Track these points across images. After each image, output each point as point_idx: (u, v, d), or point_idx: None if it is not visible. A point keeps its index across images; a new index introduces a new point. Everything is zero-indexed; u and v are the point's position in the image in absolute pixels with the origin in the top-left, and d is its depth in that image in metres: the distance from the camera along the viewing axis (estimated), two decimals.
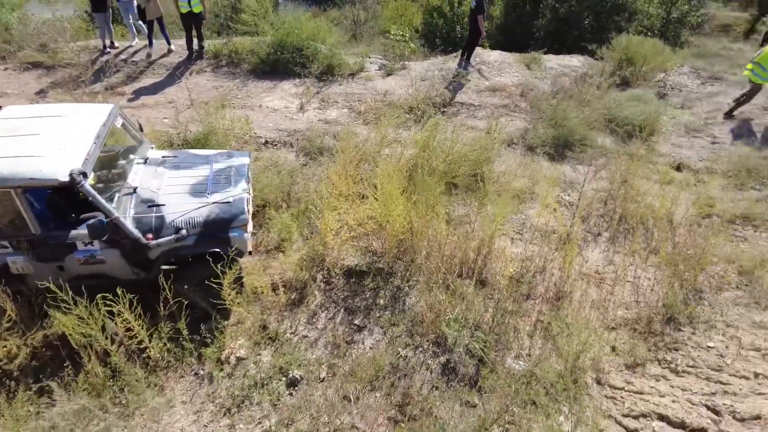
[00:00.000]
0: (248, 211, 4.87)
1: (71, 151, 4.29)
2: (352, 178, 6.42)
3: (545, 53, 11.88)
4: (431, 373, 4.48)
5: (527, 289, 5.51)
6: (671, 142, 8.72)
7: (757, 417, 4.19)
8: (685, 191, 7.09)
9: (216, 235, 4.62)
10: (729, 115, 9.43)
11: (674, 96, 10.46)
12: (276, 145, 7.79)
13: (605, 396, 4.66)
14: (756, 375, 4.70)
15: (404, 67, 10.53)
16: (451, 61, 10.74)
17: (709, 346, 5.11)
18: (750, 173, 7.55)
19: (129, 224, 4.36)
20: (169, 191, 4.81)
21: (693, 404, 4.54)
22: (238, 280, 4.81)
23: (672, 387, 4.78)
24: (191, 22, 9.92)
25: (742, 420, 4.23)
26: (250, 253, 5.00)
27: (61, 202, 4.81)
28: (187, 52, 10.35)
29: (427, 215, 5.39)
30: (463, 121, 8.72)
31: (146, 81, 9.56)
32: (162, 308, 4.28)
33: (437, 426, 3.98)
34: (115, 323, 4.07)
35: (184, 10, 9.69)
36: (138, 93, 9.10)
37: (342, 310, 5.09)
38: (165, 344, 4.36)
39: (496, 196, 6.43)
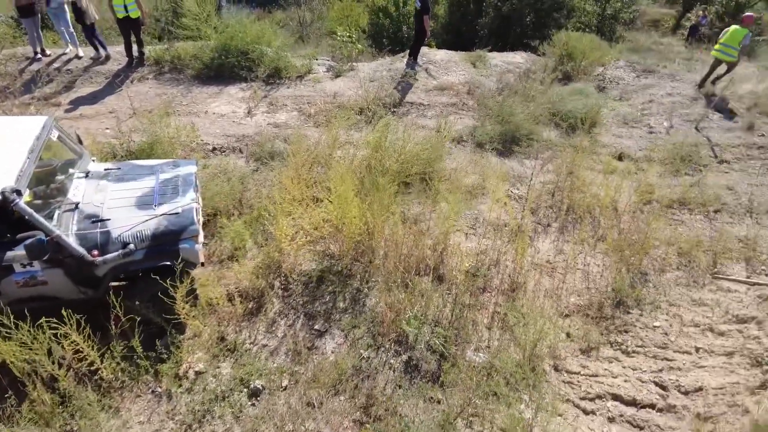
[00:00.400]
0: (198, 221, 4.72)
1: (2, 168, 4.03)
2: (305, 181, 6.35)
3: (490, 51, 12.17)
4: (394, 372, 4.50)
5: (483, 283, 5.63)
6: (612, 133, 9.12)
7: (700, 389, 4.46)
8: (627, 180, 7.43)
9: (166, 247, 4.45)
10: (707, 88, 10.28)
11: (613, 89, 10.95)
12: (224, 151, 7.60)
13: (563, 381, 4.82)
14: (697, 349, 5.00)
15: (353, 68, 10.52)
16: (399, 61, 10.82)
17: (655, 326, 5.38)
18: (683, 160, 8.01)
19: (72, 242, 4.12)
20: (114, 205, 4.59)
21: (643, 382, 4.77)
22: (192, 293, 4.67)
23: (624, 368, 5.01)
24: (129, 27, 9.52)
25: (686, 393, 4.49)
26: (202, 264, 4.86)
27: None
28: (127, 59, 9.94)
29: (382, 216, 5.41)
30: (414, 121, 8.80)
31: (84, 90, 9.11)
32: (113, 326, 4.10)
33: (402, 424, 4.01)
34: (62, 346, 3.86)
35: (120, 15, 9.29)
36: (75, 103, 8.65)
37: (301, 316, 5.03)
38: (118, 364, 4.18)
39: (449, 193, 6.53)
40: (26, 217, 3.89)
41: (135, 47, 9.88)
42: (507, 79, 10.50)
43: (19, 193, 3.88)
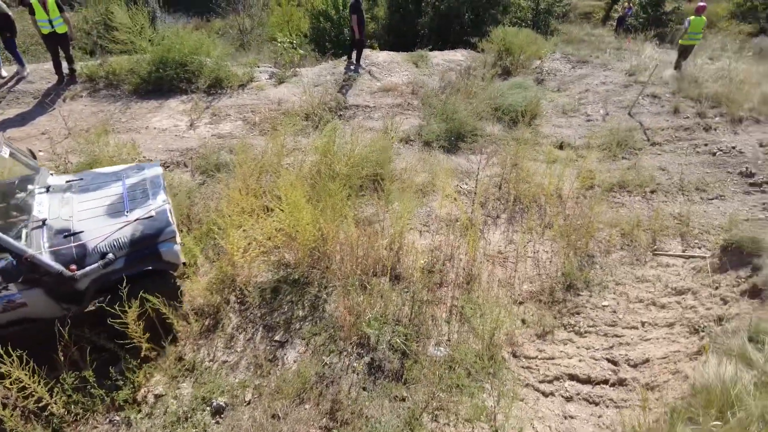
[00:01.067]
0: (173, 222, 4.61)
1: None
2: (254, 191, 6.28)
3: (431, 50, 12.39)
4: (357, 374, 4.52)
5: (439, 278, 5.74)
6: (552, 123, 9.49)
7: (647, 360, 4.72)
8: (568, 167, 7.74)
9: (145, 252, 4.38)
10: (677, 68, 11.27)
11: (550, 81, 11.38)
12: (168, 166, 7.39)
13: (521, 367, 4.99)
14: (642, 324, 5.29)
15: (296, 74, 10.46)
16: (342, 65, 10.84)
17: (603, 305, 5.65)
18: (620, 145, 8.43)
19: (47, 259, 3.94)
20: (84, 216, 4.44)
21: (596, 360, 5.00)
22: (175, 294, 4.65)
23: (578, 348, 5.23)
24: (56, 43, 9.07)
25: (635, 366, 4.74)
26: (184, 264, 4.76)
27: None
28: (57, 76, 9.48)
29: (335, 220, 5.42)
30: (361, 123, 8.85)
31: (10, 112, 8.61)
32: (62, 357, 3.92)
33: (369, 426, 4.04)
34: (3, 385, 3.66)
35: (45, 31, 8.84)
36: (2, 126, 8.18)
37: (260, 328, 4.97)
38: (70, 396, 4.00)
39: (401, 193, 6.62)
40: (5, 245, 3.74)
41: (65, 64, 9.44)
42: (449, 78, 10.72)
43: None
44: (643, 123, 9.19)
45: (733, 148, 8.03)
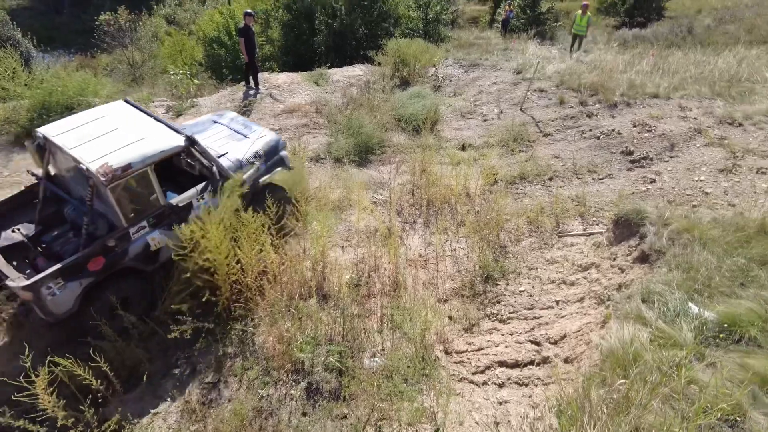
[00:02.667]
0: None
1: (159, 134, 5.28)
2: None
3: (330, 68, 12.56)
4: (296, 401, 4.49)
5: (366, 290, 5.84)
6: (452, 127, 9.98)
7: (564, 336, 5.10)
8: (472, 167, 8.19)
9: (274, 158, 6.38)
10: (570, 53, 14.28)
11: (446, 86, 11.96)
12: None
13: (454, 362, 5.20)
14: (557, 302, 5.71)
15: (194, 104, 10.16)
16: (242, 90, 10.71)
17: (520, 291, 6.03)
18: (516, 140, 9.05)
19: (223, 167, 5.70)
20: (218, 145, 6.15)
21: (520, 343, 5.33)
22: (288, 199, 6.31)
23: (503, 335, 5.54)
24: None
25: (555, 343, 5.11)
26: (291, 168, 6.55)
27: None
28: None
29: (253, 250, 5.34)
30: None
31: None
32: None
33: None
34: None
35: None
36: None
37: (188, 372, 4.78)
38: None
39: (318, 211, 6.66)
40: (202, 155, 5.51)
41: None
42: (351, 93, 10.94)
43: (194, 140, 5.32)
44: (534, 117, 9.92)
45: (613, 130, 8.90)
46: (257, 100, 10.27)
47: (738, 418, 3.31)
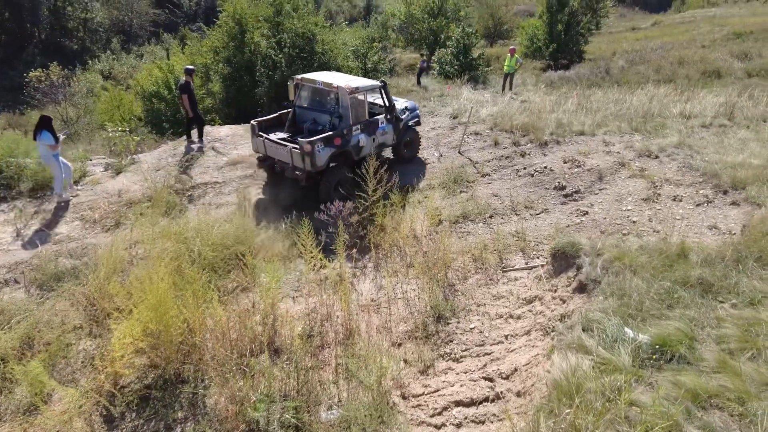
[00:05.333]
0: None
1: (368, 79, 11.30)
2: (108, 295, 5.80)
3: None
4: None
5: (320, 340, 5.80)
6: (397, 170, 10.27)
7: (515, 370, 5.24)
8: (417, 209, 8.44)
9: (414, 113, 10.78)
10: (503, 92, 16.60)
11: None
12: None
13: (412, 406, 5.20)
14: (506, 337, 5.88)
15: (134, 161, 9.97)
16: (183, 145, 10.63)
17: (471, 328, 6.17)
18: (456, 181, 9.45)
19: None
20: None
21: (474, 381, 5.42)
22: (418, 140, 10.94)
23: (457, 374, 5.61)
24: None
25: (507, 377, 5.24)
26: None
27: None
28: None
29: (199, 308, 5.23)
30: (213, 201, 8.71)
31: None
32: None
33: None
34: None
35: None
36: None
37: None
38: None
39: (266, 263, 6.62)
40: (388, 95, 9.89)
41: None
42: None
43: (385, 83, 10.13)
44: (471, 158, 10.41)
45: (545, 167, 9.48)
46: (200, 154, 10.21)
47: None
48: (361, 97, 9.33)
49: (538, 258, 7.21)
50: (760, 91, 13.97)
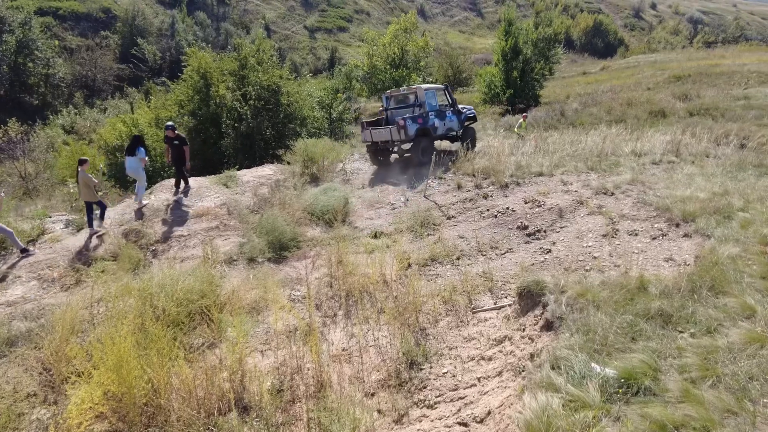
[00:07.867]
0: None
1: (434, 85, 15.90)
2: (66, 358, 5.56)
3: (239, 169, 12.77)
4: None
5: (290, 394, 5.66)
6: (364, 217, 10.41)
7: (489, 413, 5.22)
8: (386, 253, 8.50)
9: (471, 113, 15.49)
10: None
11: (355, 179, 12.58)
12: None
13: None
14: (479, 380, 5.87)
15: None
16: (146, 198, 10.50)
17: (444, 372, 6.14)
18: (423, 225, 9.60)
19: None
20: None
21: (449, 427, 5.34)
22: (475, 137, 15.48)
23: (432, 421, 5.53)
24: None
25: (481, 421, 5.19)
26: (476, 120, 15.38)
27: None
28: None
29: (164, 366, 5.06)
30: (177, 254, 8.57)
31: None
32: None
33: None
34: None
35: None
36: None
37: None
38: None
39: (233, 316, 6.49)
40: (451, 96, 14.83)
41: None
42: (262, 193, 11.13)
43: (449, 86, 16.07)
44: (436, 202, 10.65)
45: (508, 208, 9.76)
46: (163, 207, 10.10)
47: None
48: (431, 93, 13.70)
49: (505, 297, 7.32)
50: (701, 128, 14.95)
